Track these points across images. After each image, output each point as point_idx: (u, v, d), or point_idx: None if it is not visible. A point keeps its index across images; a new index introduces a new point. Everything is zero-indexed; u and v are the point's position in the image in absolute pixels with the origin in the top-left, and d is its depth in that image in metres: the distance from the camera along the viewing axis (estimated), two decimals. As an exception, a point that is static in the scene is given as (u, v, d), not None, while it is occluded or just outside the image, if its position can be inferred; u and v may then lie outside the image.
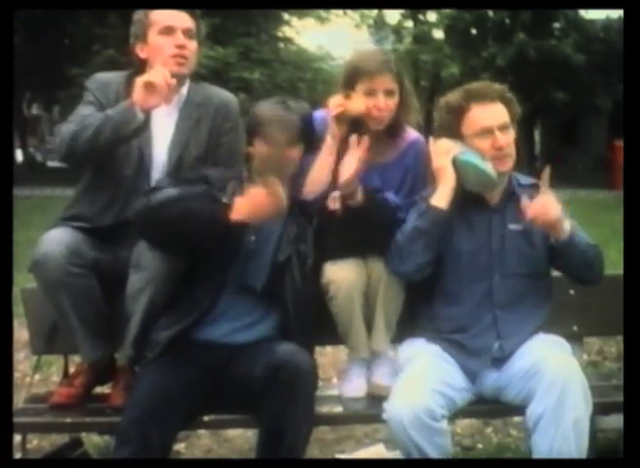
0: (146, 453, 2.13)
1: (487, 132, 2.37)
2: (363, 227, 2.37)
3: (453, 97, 2.44)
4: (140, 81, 2.40)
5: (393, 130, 2.55)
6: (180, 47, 2.56)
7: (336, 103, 2.42)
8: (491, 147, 2.36)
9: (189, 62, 2.61)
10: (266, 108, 2.41)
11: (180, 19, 2.59)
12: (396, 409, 2.16)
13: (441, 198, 2.36)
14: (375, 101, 2.45)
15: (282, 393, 2.16)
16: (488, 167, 2.35)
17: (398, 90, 2.50)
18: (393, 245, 2.38)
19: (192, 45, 2.61)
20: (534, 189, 2.47)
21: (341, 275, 2.41)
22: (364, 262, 2.45)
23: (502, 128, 2.39)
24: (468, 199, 2.43)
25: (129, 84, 2.61)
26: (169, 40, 2.56)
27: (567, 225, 2.34)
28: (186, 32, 2.58)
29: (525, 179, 2.53)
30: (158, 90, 2.39)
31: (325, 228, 2.44)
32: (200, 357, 2.36)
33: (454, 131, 2.41)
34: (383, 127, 2.51)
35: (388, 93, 2.47)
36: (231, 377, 2.33)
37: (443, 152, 2.37)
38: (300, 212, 2.45)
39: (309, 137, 2.42)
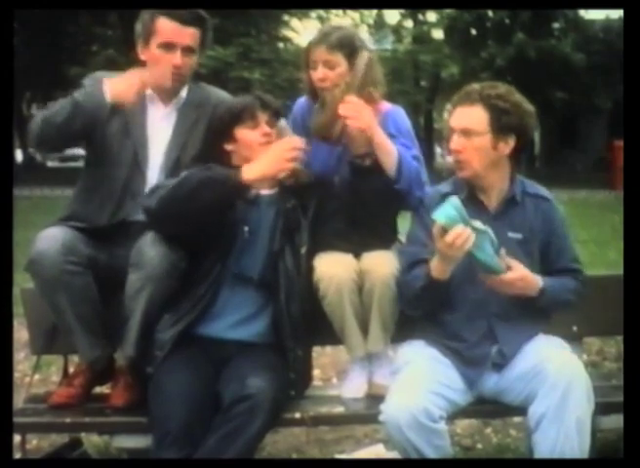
0: (193, 453, 2.15)
1: (452, 132, 2.35)
2: (364, 199, 2.44)
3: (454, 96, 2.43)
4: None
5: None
6: (177, 67, 2.55)
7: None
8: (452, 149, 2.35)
9: (185, 78, 2.63)
10: (242, 99, 2.57)
11: (183, 35, 2.55)
12: (393, 410, 2.14)
13: (443, 273, 2.26)
14: (315, 73, 2.58)
15: (229, 423, 2.16)
16: (498, 264, 2.24)
17: (344, 62, 2.55)
18: (403, 291, 2.38)
19: (191, 61, 2.60)
20: (540, 200, 2.43)
21: (330, 273, 2.42)
22: (356, 260, 2.47)
23: (465, 132, 2.31)
24: (467, 204, 2.40)
25: None
26: (167, 56, 2.55)
27: (534, 290, 2.32)
28: (186, 49, 2.57)
29: (532, 187, 2.46)
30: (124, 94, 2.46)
31: (321, 218, 2.49)
32: (208, 352, 2.40)
33: (447, 129, 2.41)
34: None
35: (325, 63, 2.56)
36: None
37: (460, 244, 2.16)
38: (296, 202, 2.50)
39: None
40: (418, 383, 2.21)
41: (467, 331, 2.36)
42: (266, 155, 2.41)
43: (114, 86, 2.44)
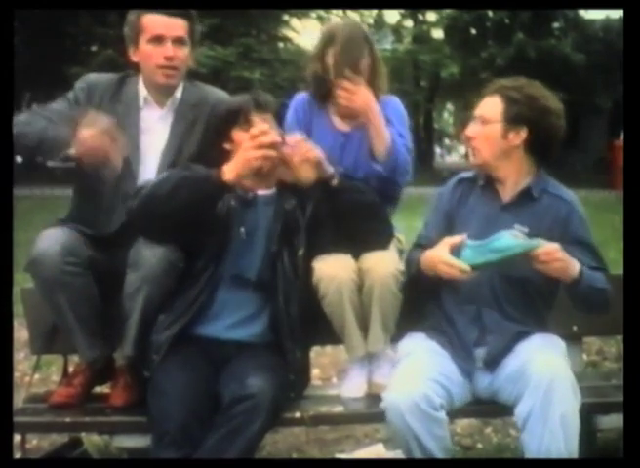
0: (191, 453, 2.15)
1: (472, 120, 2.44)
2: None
3: None
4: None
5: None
6: (169, 59, 2.55)
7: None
8: None
9: (179, 72, 2.61)
10: (237, 99, 2.55)
11: (171, 27, 2.56)
12: (394, 396, 2.16)
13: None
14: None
15: (229, 423, 2.17)
16: (529, 242, 2.23)
17: (367, 56, 2.59)
18: (406, 269, 2.45)
19: (183, 53, 2.59)
20: (557, 200, 2.43)
21: (330, 273, 2.42)
22: (355, 260, 2.47)
23: (480, 120, 2.41)
24: (482, 192, 2.45)
25: (120, 86, 2.61)
26: (158, 50, 2.55)
27: (574, 270, 2.29)
28: (177, 41, 2.56)
29: (555, 187, 2.47)
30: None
31: (318, 221, 2.48)
32: (207, 353, 2.39)
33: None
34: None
35: None
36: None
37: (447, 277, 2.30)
38: (296, 203, 2.48)
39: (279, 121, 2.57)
40: (418, 372, 2.23)
41: (458, 315, 2.39)
42: (238, 153, 2.38)
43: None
